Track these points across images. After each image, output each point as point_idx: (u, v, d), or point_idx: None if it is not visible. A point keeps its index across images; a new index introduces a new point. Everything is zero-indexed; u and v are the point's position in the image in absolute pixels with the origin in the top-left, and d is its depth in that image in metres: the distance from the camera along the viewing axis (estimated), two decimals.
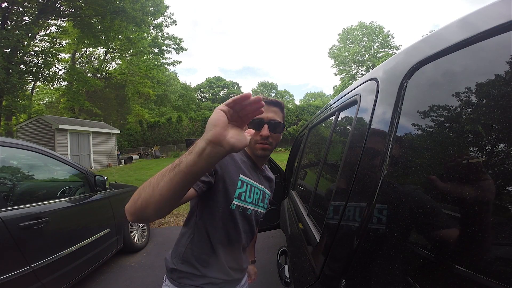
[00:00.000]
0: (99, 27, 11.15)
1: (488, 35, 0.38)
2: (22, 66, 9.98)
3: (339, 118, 1.02)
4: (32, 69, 10.25)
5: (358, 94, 0.79)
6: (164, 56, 19.89)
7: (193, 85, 45.46)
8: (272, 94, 49.34)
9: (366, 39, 31.26)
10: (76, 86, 13.01)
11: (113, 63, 18.69)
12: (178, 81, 28.99)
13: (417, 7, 64.31)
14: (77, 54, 16.12)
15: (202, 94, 47.23)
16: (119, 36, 12.67)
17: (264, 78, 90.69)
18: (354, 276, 0.55)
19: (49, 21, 11.22)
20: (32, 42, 10.79)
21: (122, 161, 14.39)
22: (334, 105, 1.16)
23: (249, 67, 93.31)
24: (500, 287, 0.30)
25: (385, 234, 0.49)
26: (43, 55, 10.32)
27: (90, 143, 12.35)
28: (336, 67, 33.12)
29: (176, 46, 19.91)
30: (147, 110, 23.68)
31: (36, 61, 10.42)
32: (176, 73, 27.10)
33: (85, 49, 15.94)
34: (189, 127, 21.27)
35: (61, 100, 14.86)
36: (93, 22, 10.99)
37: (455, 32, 0.46)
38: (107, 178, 2.73)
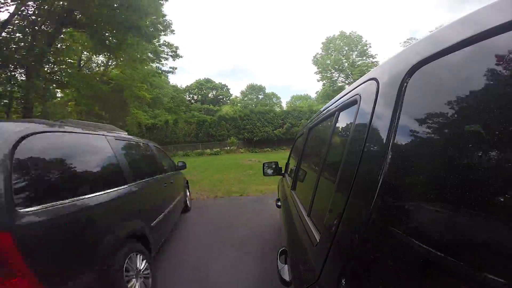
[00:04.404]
0: (114, 40, 12.50)
1: (488, 34, 0.38)
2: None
3: (339, 118, 1.02)
4: (54, 77, 11.54)
5: (358, 94, 0.79)
6: (161, 63, 21.30)
7: (180, 84, 46.24)
8: (260, 97, 50.58)
9: (346, 48, 34.26)
10: (84, 91, 14.27)
11: (115, 68, 19.91)
12: (169, 84, 30.31)
13: (394, 16, 68.79)
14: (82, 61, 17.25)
15: (192, 96, 48.14)
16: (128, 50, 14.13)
17: (251, 78, 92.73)
18: (354, 276, 0.55)
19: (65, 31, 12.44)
20: (52, 52, 12.04)
21: None
22: (334, 105, 1.16)
23: (236, 68, 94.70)
24: (501, 287, 0.30)
25: (385, 234, 0.49)
26: (63, 64, 11.64)
27: None
28: (319, 73, 35.90)
29: (173, 53, 21.43)
30: (143, 113, 24.96)
31: (56, 69, 11.71)
32: (167, 76, 28.44)
33: (91, 55, 17.09)
34: (185, 129, 22.88)
35: (69, 104, 15.97)
36: (107, 34, 12.28)
37: (455, 32, 0.46)
38: (185, 162, 4.57)
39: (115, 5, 10.45)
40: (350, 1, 72.73)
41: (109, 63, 18.70)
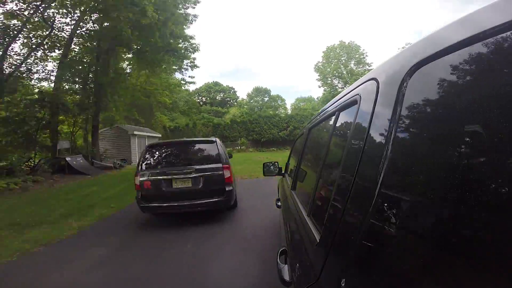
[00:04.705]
0: (154, 59, 15.74)
1: (488, 35, 0.38)
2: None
3: (339, 118, 1.02)
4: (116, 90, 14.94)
5: (358, 94, 0.79)
6: (183, 73, 24.84)
7: (186, 86, 50.37)
8: (266, 99, 52.59)
9: (345, 57, 37.32)
10: (128, 100, 17.72)
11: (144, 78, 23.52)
12: (182, 88, 34.33)
13: (399, 16, 70.21)
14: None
15: (200, 98, 51.20)
16: (164, 66, 17.57)
17: (255, 78, 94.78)
18: (354, 276, 0.55)
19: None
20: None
21: None
22: (334, 105, 1.16)
23: (240, 68, 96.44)
24: (501, 287, 0.30)
25: (385, 234, 0.49)
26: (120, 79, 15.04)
27: (145, 143, 17.13)
28: (320, 80, 38.98)
29: (191, 64, 25.05)
30: (166, 117, 28.51)
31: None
32: (188, 85, 32.09)
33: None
34: (203, 131, 26.23)
35: (113, 110, 19.56)
36: (148, 54, 15.46)
37: (454, 32, 0.46)
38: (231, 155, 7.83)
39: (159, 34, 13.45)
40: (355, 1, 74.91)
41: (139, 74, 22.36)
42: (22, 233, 4.22)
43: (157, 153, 4.72)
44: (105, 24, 12.67)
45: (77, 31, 12.59)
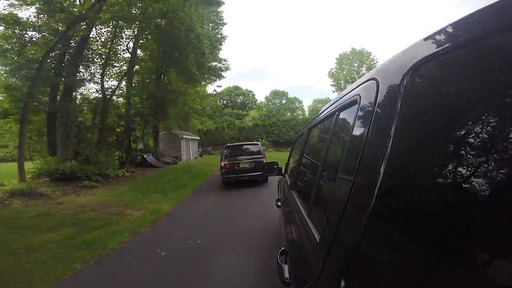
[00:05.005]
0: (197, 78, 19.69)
1: (488, 35, 0.38)
2: None
3: (339, 118, 1.03)
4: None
5: (358, 94, 0.79)
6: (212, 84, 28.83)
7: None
8: (283, 101, 55.30)
9: (357, 63, 40.16)
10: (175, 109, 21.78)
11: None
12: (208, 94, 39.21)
13: (404, 17, 70.21)
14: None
15: (222, 101, 53.36)
16: (203, 82, 21.64)
17: (272, 79, 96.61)
18: (354, 277, 0.55)
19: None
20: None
21: (200, 155, 23.91)
22: (334, 105, 1.16)
23: (258, 69, 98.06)
24: (502, 287, 0.30)
25: (385, 235, 0.50)
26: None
27: (190, 145, 22.04)
28: (334, 86, 42.00)
29: (218, 75, 28.85)
30: (198, 121, 33.10)
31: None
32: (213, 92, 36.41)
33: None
34: (230, 133, 30.51)
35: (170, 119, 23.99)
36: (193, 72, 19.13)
37: (454, 32, 0.46)
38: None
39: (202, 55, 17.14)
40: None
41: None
42: (166, 195, 7.57)
43: (230, 150, 9.08)
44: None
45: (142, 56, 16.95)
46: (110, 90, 15.42)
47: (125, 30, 14.68)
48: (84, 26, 10.73)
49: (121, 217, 5.31)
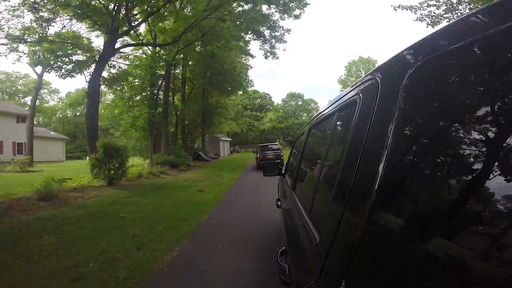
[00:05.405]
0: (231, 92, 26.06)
1: (488, 35, 0.38)
2: None
3: (339, 118, 1.03)
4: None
5: (358, 94, 0.79)
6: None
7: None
8: (299, 103, 57.91)
9: (364, 70, 45.01)
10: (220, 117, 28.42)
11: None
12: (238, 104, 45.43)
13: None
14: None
15: (242, 104, 60.15)
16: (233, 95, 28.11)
17: (287, 80, 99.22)
18: (354, 277, 0.55)
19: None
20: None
21: (231, 152, 31.17)
22: (334, 105, 1.16)
23: (273, 68, 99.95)
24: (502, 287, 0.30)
25: (385, 235, 0.50)
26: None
27: (225, 144, 30.47)
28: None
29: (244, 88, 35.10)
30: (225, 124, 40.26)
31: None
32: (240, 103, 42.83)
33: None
34: (252, 135, 37.18)
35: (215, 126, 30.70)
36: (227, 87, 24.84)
37: (455, 32, 0.46)
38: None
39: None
40: None
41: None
42: (230, 173, 13.57)
43: (261, 147, 16.15)
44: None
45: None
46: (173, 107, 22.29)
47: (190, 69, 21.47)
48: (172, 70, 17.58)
49: (220, 179, 11.45)
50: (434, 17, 11.28)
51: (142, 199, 7.03)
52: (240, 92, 30.14)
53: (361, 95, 0.77)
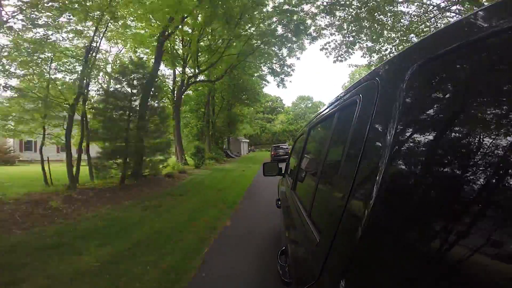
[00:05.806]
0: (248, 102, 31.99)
1: (488, 36, 0.38)
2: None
3: (339, 118, 1.03)
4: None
5: (358, 94, 0.79)
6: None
7: None
8: (309, 105, 61.27)
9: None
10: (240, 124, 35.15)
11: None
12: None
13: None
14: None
15: (254, 108, 65.52)
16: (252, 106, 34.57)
17: (298, 83, 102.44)
18: (354, 277, 0.55)
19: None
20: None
21: (248, 152, 38.33)
22: (334, 105, 1.16)
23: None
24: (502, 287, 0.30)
25: (385, 235, 0.50)
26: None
27: (244, 145, 36.26)
28: None
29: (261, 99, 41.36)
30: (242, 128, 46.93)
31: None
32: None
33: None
34: (265, 136, 43.66)
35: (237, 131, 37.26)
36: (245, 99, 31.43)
37: (455, 32, 0.46)
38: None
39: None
40: None
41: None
42: (254, 164, 18.91)
43: (274, 147, 22.19)
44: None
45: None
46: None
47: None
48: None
49: (250, 166, 17.12)
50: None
51: (216, 174, 13.32)
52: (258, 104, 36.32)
53: (361, 96, 0.77)
